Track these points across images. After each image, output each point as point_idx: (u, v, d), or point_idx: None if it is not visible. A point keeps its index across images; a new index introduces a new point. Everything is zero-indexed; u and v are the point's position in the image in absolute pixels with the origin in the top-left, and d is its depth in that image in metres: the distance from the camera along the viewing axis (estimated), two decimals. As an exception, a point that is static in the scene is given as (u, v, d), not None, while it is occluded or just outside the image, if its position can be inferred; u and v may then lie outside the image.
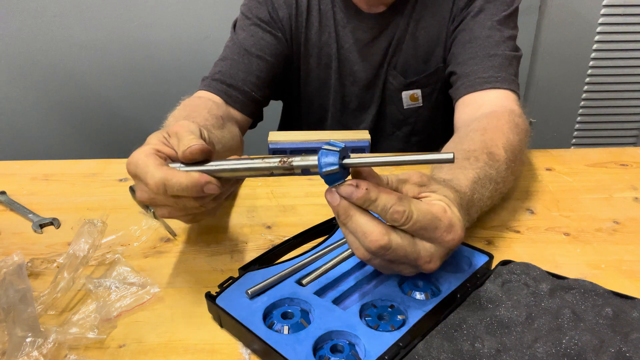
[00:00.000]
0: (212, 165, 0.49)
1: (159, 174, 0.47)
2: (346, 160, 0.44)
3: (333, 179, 0.44)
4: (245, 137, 0.91)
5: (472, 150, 0.64)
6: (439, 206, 0.47)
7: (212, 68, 0.90)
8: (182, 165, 0.49)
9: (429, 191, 0.49)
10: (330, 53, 0.97)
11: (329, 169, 0.43)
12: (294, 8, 0.93)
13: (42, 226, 0.69)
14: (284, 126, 1.17)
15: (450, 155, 0.41)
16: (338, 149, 0.43)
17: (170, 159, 0.50)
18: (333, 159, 0.43)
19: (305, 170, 0.45)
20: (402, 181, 0.48)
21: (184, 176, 0.47)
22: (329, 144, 0.44)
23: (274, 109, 1.06)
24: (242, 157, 0.50)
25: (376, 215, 0.45)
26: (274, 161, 0.46)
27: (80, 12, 1.61)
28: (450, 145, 0.70)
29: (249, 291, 0.51)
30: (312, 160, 0.45)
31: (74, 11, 1.60)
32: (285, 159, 0.46)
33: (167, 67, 1.70)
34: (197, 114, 0.72)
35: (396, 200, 0.44)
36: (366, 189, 0.44)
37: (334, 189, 0.45)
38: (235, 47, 0.90)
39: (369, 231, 0.44)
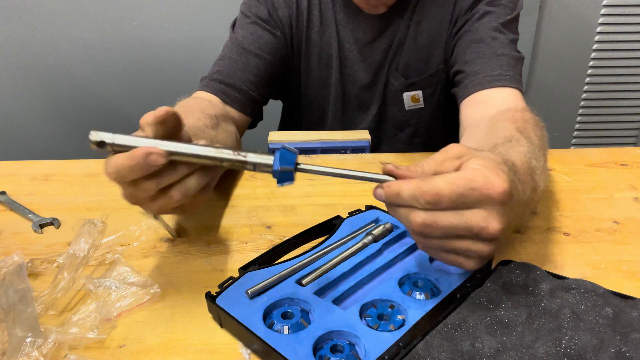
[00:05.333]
0: (163, 144, 0.46)
1: (110, 162, 0.45)
2: (302, 166, 0.47)
3: (284, 177, 0.47)
4: (245, 137, 0.91)
5: (511, 136, 0.61)
6: (471, 168, 0.44)
7: (211, 68, 0.90)
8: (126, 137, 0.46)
9: (469, 158, 0.46)
10: (331, 52, 0.97)
11: (286, 167, 0.46)
12: (294, 7, 0.93)
13: (42, 226, 0.69)
14: (284, 126, 1.17)
15: (389, 178, 0.47)
16: (296, 152, 0.46)
17: None
18: (291, 159, 0.46)
19: (258, 167, 0.47)
20: (440, 161, 0.46)
21: (121, 156, 0.45)
22: (285, 147, 0.46)
23: (274, 109, 1.06)
24: (204, 144, 0.48)
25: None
26: (227, 152, 0.47)
27: (79, 12, 1.61)
28: (480, 138, 0.66)
29: (249, 291, 0.51)
30: (267, 159, 0.47)
31: (74, 11, 1.60)
32: (240, 152, 0.47)
33: (166, 67, 1.70)
34: (191, 114, 0.71)
35: (419, 185, 0.43)
36: (388, 186, 0.45)
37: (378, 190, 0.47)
38: (234, 46, 0.90)
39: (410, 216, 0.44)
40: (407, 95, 0.99)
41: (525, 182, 0.51)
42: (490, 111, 0.75)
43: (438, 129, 1.05)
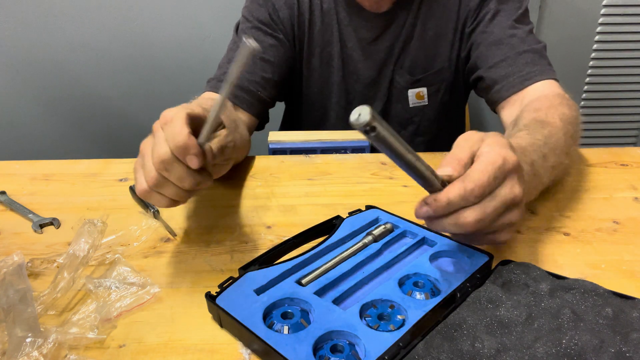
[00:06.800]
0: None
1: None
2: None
3: None
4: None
5: (524, 125, 0.67)
6: (486, 152, 0.47)
7: (218, 70, 0.91)
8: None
9: (479, 144, 0.49)
10: (333, 52, 0.97)
11: None
12: (295, 8, 0.93)
13: (42, 226, 0.69)
14: (285, 126, 1.17)
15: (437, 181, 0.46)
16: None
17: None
18: None
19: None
20: (468, 149, 0.49)
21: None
22: None
23: (275, 109, 1.06)
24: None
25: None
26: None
27: (80, 12, 1.61)
28: (507, 132, 0.72)
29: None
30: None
31: (74, 11, 1.60)
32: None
33: (167, 68, 1.70)
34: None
35: (463, 185, 0.45)
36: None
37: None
38: None
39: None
40: (412, 92, 0.99)
41: (525, 162, 0.56)
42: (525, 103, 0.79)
43: (440, 128, 1.06)
